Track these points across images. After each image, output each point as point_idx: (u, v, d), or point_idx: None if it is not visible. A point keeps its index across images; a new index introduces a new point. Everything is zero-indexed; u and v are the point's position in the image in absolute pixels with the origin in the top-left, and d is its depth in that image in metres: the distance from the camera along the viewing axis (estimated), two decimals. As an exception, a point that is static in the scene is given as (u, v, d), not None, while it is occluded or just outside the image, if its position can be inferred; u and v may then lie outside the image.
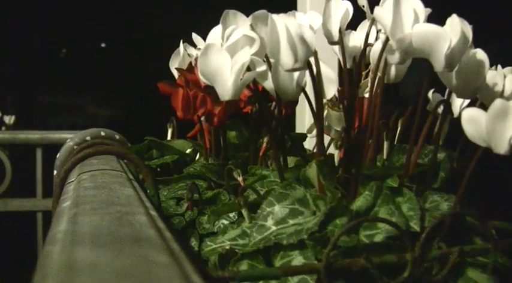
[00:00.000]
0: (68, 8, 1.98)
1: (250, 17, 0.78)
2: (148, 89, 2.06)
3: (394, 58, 0.77)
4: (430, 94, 0.93)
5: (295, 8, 1.58)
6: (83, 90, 2.10)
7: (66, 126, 1.83)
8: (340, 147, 0.79)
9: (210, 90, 0.97)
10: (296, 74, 0.78)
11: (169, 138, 1.37)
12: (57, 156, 1.34)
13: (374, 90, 0.82)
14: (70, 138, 1.36)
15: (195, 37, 1.20)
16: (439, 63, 0.71)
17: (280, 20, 0.66)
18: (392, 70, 0.82)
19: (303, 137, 1.15)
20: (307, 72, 0.78)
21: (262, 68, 0.71)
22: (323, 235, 0.70)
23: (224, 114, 0.97)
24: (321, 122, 0.76)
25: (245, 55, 0.69)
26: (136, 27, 1.98)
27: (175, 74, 1.14)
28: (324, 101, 0.94)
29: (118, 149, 0.84)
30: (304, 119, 1.52)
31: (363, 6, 0.89)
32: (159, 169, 1.27)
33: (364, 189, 0.76)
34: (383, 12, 0.72)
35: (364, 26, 0.90)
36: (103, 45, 2.12)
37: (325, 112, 0.95)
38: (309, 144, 1.17)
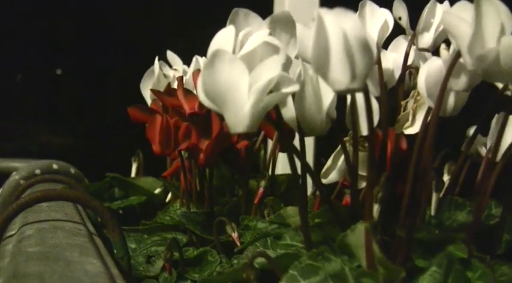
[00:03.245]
0: (24, 33, 1.72)
1: (268, 19, 0.55)
2: (110, 116, 1.81)
3: (460, 83, 0.55)
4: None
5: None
6: (36, 115, 1.82)
7: (16, 154, 1.57)
8: (381, 200, 0.55)
9: (197, 119, 0.73)
10: (327, 101, 0.55)
11: (133, 174, 1.12)
12: (-1, 192, 1.07)
13: (424, 126, 0.59)
14: (16, 171, 1.09)
15: (171, 55, 0.96)
16: (533, 90, 0.48)
17: (332, 18, 0.42)
18: (451, 99, 0.59)
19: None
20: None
21: (293, 87, 0.47)
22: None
23: (213, 150, 0.73)
24: (374, 167, 0.52)
25: (273, 68, 0.45)
26: (98, 49, 1.73)
27: (148, 98, 0.89)
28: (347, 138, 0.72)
29: (76, 195, 0.59)
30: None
31: (400, 19, 0.66)
32: (121, 212, 1.02)
33: (417, 258, 0.53)
34: (457, 21, 0.50)
35: (399, 43, 0.67)
36: (58, 72, 1.85)
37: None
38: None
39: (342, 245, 0.51)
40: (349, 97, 0.58)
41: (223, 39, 0.50)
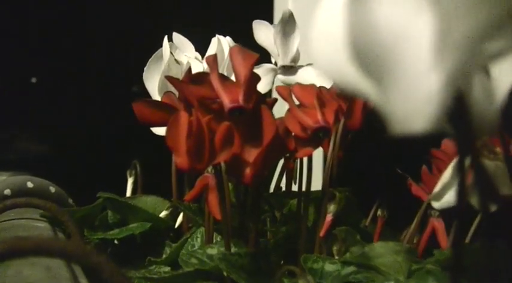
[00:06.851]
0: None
1: None
2: (98, 119, 1.54)
3: None
4: None
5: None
6: (10, 120, 1.57)
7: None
8: None
9: (240, 118, 0.48)
10: (503, 86, 0.31)
11: (129, 192, 0.86)
12: (-42, 219, 0.81)
13: None
14: (-21, 192, 0.83)
15: (178, 38, 0.71)
16: None
17: None
18: None
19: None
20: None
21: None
22: None
23: (264, 162, 0.48)
24: None
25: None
26: (82, 47, 1.48)
27: (155, 91, 0.64)
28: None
29: (65, 248, 0.33)
30: (318, 168, 0.82)
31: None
32: (116, 242, 0.76)
33: None
34: None
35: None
36: (33, 80, 1.63)
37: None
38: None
39: None
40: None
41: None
